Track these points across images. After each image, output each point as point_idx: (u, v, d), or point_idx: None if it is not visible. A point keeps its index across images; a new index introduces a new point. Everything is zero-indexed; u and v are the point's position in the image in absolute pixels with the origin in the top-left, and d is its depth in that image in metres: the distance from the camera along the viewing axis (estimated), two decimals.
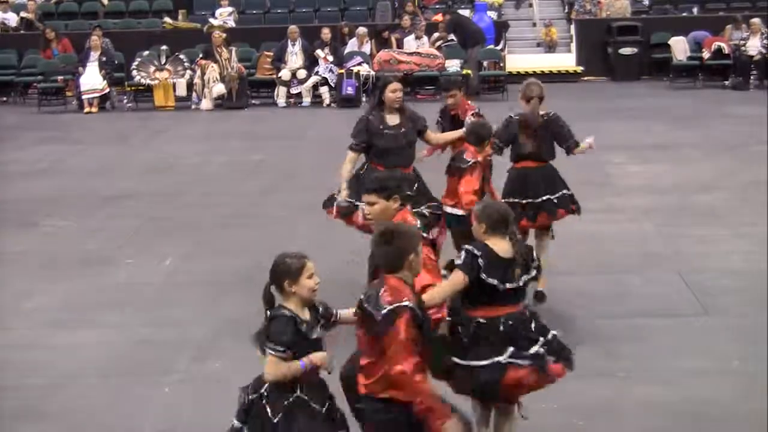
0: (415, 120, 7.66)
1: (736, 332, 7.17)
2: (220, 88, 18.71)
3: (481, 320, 4.74)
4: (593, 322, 7.27)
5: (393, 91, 7.49)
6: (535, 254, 4.95)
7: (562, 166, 8.02)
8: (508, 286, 4.73)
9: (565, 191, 7.70)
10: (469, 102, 8.30)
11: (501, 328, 4.72)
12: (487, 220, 4.84)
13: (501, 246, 4.79)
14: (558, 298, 7.60)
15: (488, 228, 4.82)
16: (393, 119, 7.55)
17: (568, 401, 5.88)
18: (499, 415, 5.08)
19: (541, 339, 4.79)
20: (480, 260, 4.71)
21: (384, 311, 4.12)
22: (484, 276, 4.70)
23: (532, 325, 4.83)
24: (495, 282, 4.70)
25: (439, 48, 19.73)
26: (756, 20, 19.92)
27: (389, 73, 18.89)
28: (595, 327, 7.17)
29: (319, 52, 19.19)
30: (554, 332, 4.89)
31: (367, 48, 19.72)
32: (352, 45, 19.83)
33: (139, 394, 6.48)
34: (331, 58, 19.16)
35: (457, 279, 4.74)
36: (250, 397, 4.38)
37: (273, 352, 4.23)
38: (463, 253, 4.79)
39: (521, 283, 4.80)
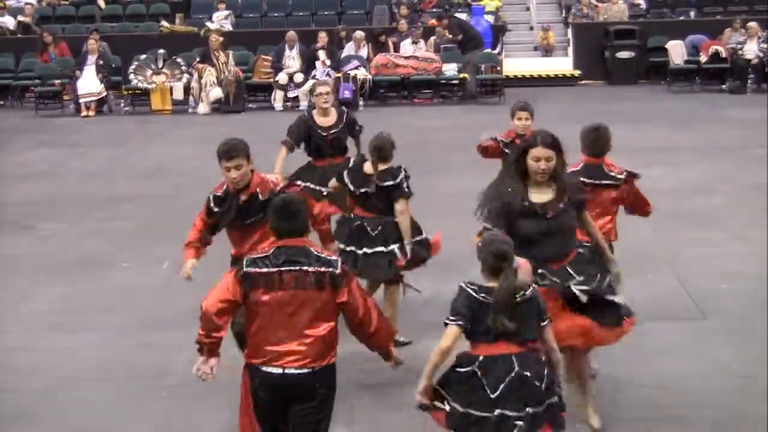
0: None
1: (734, 336, 7.16)
2: (217, 92, 18.67)
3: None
4: None
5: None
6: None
7: None
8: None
9: None
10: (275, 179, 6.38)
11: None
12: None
13: None
14: None
15: None
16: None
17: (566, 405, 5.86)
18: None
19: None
20: None
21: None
22: None
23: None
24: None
25: (437, 51, 19.72)
26: (753, 24, 19.92)
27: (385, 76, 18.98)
28: None
29: (320, 53, 19.12)
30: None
31: (364, 52, 19.69)
32: (349, 49, 19.81)
33: (137, 397, 6.48)
34: (328, 61, 19.14)
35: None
36: None
37: None
38: None
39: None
